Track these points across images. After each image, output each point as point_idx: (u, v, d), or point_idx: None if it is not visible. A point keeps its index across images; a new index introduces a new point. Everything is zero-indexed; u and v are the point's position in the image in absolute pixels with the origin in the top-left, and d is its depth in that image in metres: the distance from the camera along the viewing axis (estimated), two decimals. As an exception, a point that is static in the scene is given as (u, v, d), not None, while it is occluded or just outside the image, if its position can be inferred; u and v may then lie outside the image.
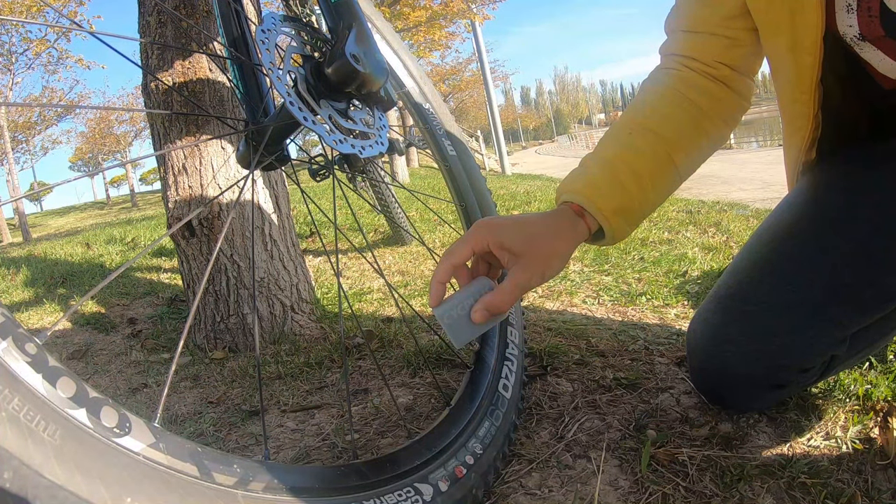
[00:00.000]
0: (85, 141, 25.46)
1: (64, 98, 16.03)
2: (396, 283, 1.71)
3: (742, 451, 0.63)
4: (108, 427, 0.33)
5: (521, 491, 0.60)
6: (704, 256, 1.63)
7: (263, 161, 0.63)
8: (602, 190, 0.58)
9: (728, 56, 0.63)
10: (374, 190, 2.06)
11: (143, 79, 1.21)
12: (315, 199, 0.88)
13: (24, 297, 2.14)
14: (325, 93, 0.57)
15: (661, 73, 0.68)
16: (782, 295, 0.61)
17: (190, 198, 1.19)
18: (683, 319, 1.14)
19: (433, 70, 18.29)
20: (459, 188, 0.93)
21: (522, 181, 6.49)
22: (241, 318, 1.21)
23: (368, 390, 0.93)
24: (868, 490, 0.56)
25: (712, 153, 0.67)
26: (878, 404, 0.68)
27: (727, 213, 2.40)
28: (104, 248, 3.41)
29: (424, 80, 1.00)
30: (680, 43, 0.67)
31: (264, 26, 0.57)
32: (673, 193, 0.66)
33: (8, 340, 0.30)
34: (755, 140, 12.79)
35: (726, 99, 0.65)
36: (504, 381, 0.72)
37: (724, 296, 0.67)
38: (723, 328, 0.65)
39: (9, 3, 8.72)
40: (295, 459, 0.73)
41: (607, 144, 0.63)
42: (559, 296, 1.39)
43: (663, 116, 0.63)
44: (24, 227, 12.68)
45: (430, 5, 8.68)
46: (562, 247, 0.56)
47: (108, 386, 1.13)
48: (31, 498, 0.27)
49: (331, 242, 2.41)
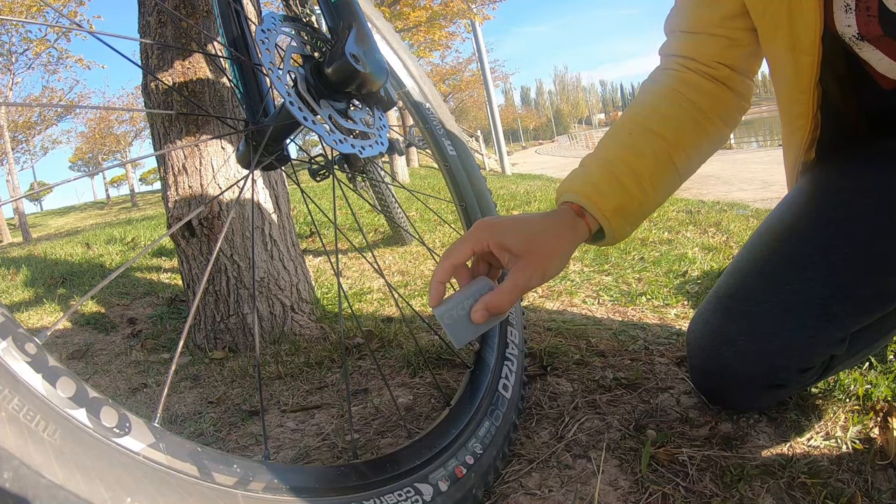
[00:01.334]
0: (85, 141, 25.44)
1: (64, 98, 16.02)
2: (396, 283, 1.71)
3: (742, 451, 0.63)
4: (108, 427, 0.33)
5: (521, 491, 0.60)
6: (704, 256, 1.63)
7: (263, 161, 0.63)
8: (602, 190, 0.59)
9: (727, 56, 0.64)
10: (374, 190, 2.06)
11: (143, 79, 1.21)
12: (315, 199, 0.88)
13: (24, 297, 2.14)
14: (325, 93, 0.57)
15: (660, 73, 0.68)
16: (782, 295, 0.62)
17: (190, 198, 1.19)
18: (683, 319, 1.14)
19: (433, 70, 18.28)
20: (459, 188, 0.93)
21: (522, 181, 6.49)
22: (241, 318, 1.21)
23: (368, 390, 0.93)
24: (868, 490, 0.56)
25: (712, 153, 0.67)
26: (878, 404, 0.68)
27: (727, 213, 2.40)
28: (104, 248, 3.41)
29: (424, 80, 1.00)
30: (679, 44, 0.67)
31: (264, 26, 0.57)
32: (673, 194, 0.66)
33: (8, 340, 0.30)
34: (755, 140, 12.78)
35: (726, 99, 0.65)
36: (504, 381, 0.72)
37: (724, 296, 0.67)
38: (723, 328, 0.65)
39: (9, 3, 8.72)
40: (295, 459, 0.73)
41: (607, 145, 0.64)
42: (559, 296, 1.39)
43: (663, 117, 0.63)
44: (24, 227, 12.68)
45: (430, 5, 8.68)
46: (562, 247, 0.56)
47: (108, 386, 1.13)
48: (31, 498, 0.27)
49: (331, 242, 2.41)
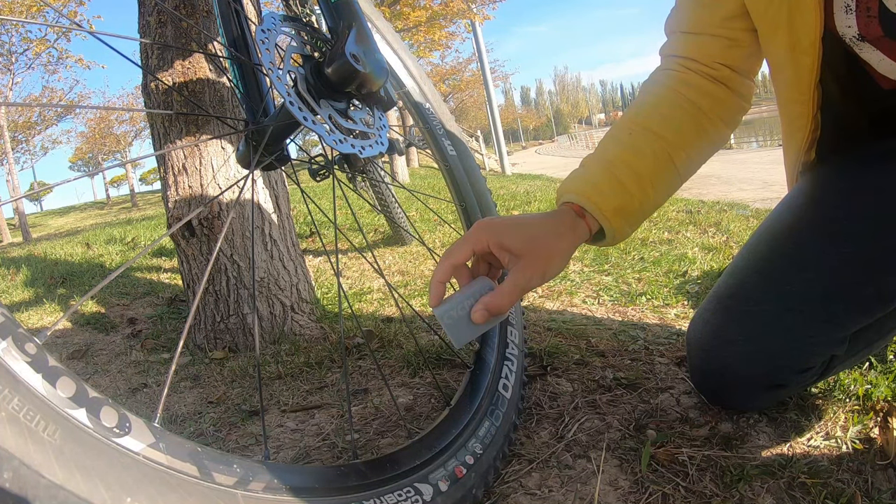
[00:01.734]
0: (85, 141, 25.44)
1: (64, 98, 16.02)
2: (396, 283, 1.71)
3: (742, 451, 0.63)
4: (108, 427, 0.33)
5: (521, 491, 0.60)
6: (704, 256, 1.63)
7: (263, 161, 0.63)
8: (602, 190, 0.59)
9: (727, 57, 0.64)
10: (374, 190, 2.06)
11: (143, 79, 1.21)
12: (315, 199, 0.88)
13: (24, 297, 2.14)
14: (325, 93, 0.57)
15: (661, 74, 0.68)
16: (782, 295, 0.62)
17: (190, 198, 1.19)
18: (683, 319, 1.14)
19: (433, 70, 18.28)
20: (459, 188, 0.93)
21: (522, 181, 6.49)
22: (241, 318, 1.21)
23: (368, 390, 0.93)
24: (868, 490, 0.56)
25: (713, 154, 0.67)
26: (878, 404, 0.68)
27: (727, 213, 2.40)
28: (104, 248, 3.41)
29: (424, 80, 0.99)
30: (679, 44, 0.67)
31: (264, 26, 0.57)
32: (674, 194, 0.66)
33: (8, 340, 0.30)
34: (755, 140, 12.78)
35: (726, 100, 0.65)
36: (504, 381, 0.72)
37: (724, 296, 0.67)
38: (723, 328, 0.65)
39: (9, 3, 8.71)
40: (295, 459, 0.73)
41: (608, 145, 0.64)
42: (559, 296, 1.39)
43: (664, 117, 0.63)
44: (24, 226, 12.68)
45: (430, 5, 8.68)
46: (562, 247, 0.56)
47: (108, 386, 1.13)
48: (31, 498, 0.27)
49: (331, 242, 2.41)
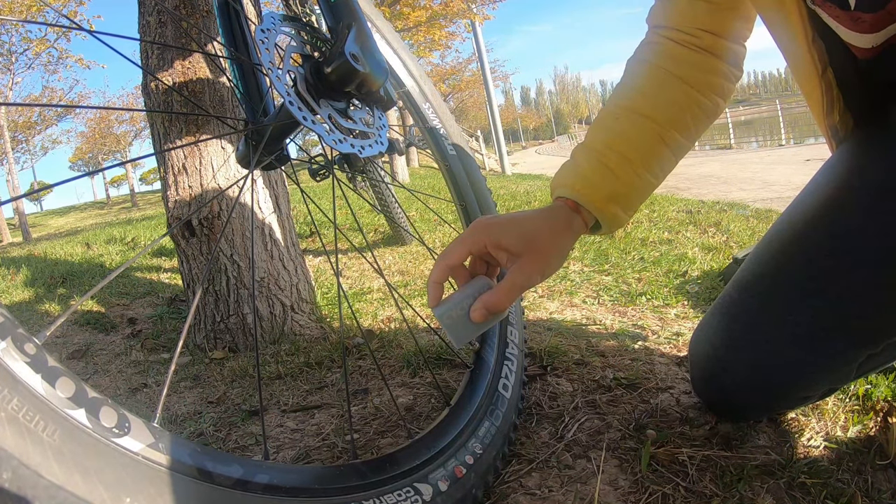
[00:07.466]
0: (85, 141, 25.46)
1: (64, 98, 16.04)
2: (396, 283, 1.70)
3: (742, 451, 0.63)
4: (108, 427, 0.33)
5: (520, 491, 0.60)
6: (704, 256, 1.63)
7: (263, 161, 0.63)
8: (593, 181, 0.58)
9: (710, 22, 0.61)
10: (374, 190, 2.06)
11: (143, 79, 1.21)
12: (315, 199, 0.87)
13: (24, 297, 2.14)
14: (325, 92, 0.57)
15: (644, 49, 0.66)
16: (786, 326, 0.58)
17: (190, 197, 1.18)
18: (683, 319, 1.14)
19: (433, 70, 18.28)
20: (459, 188, 0.93)
21: (522, 181, 6.49)
22: (241, 317, 1.21)
23: (368, 390, 0.93)
24: (868, 490, 0.56)
25: (707, 127, 0.65)
26: (878, 404, 0.68)
27: (727, 213, 2.40)
28: (104, 248, 3.41)
29: (424, 80, 0.99)
30: (662, 12, 0.65)
31: (264, 26, 0.57)
32: (672, 171, 0.63)
33: (7, 340, 0.30)
34: (755, 140, 12.77)
35: (713, 69, 0.63)
36: (504, 381, 0.72)
37: (728, 315, 0.64)
38: (725, 355, 0.63)
39: (9, 3, 8.72)
40: (295, 459, 0.73)
41: (596, 133, 0.62)
42: (559, 296, 1.39)
43: (649, 97, 0.62)
44: (24, 226, 12.68)
45: (430, 5, 8.68)
46: (560, 244, 0.55)
47: (107, 386, 1.13)
48: (31, 498, 0.27)
49: (331, 242, 2.41)
